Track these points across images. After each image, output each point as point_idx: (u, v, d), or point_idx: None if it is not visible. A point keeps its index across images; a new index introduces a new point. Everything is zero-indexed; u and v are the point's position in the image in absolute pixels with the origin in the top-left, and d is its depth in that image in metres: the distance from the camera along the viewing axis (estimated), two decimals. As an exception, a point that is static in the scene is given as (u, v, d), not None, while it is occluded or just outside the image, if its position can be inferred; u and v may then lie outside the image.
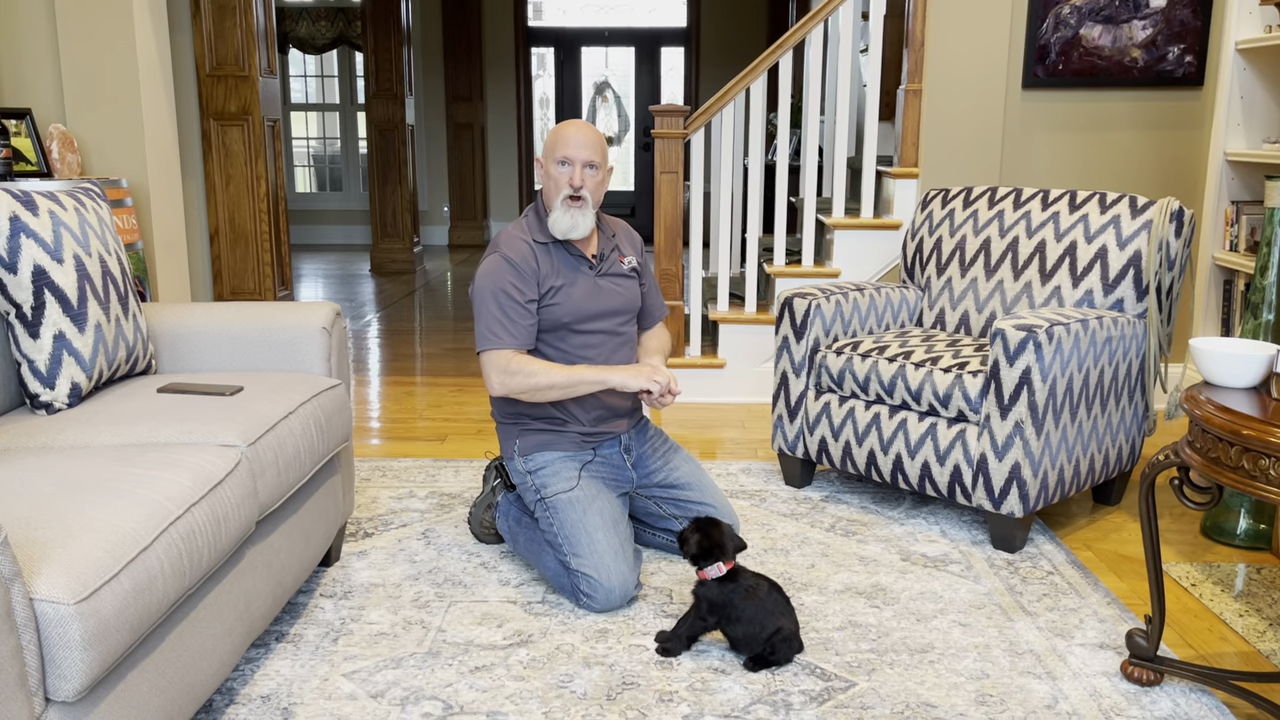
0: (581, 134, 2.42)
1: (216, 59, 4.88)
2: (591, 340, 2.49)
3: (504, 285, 2.40)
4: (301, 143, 10.24)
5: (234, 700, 1.96)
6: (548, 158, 2.45)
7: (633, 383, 2.38)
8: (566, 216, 2.42)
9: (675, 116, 4.01)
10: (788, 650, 2.08)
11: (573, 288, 2.46)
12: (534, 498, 2.46)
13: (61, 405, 2.11)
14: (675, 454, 2.65)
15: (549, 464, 2.47)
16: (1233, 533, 2.75)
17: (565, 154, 2.42)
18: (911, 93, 4.00)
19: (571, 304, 2.46)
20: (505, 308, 2.40)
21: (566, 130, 2.44)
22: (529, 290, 2.41)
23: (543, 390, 2.38)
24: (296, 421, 2.15)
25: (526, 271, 2.42)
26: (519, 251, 2.44)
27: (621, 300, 2.55)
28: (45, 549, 1.40)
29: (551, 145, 2.44)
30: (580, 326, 2.48)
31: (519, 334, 2.40)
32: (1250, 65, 3.42)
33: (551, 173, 2.43)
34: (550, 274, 2.45)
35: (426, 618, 2.30)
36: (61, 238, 2.11)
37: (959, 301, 3.16)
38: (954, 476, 2.72)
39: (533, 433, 2.50)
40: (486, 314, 2.41)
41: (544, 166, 2.46)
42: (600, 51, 10.58)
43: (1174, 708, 1.95)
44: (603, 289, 2.51)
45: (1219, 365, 1.86)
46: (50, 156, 3.71)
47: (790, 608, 2.12)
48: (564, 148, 2.42)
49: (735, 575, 2.11)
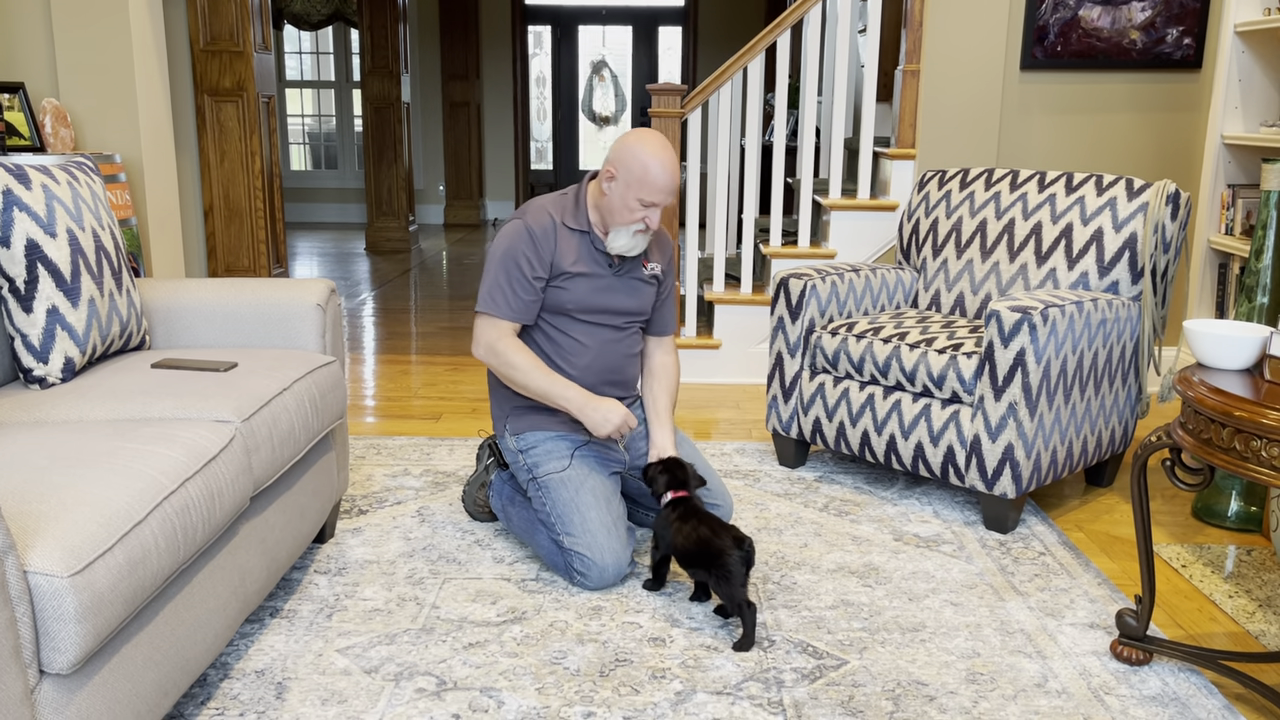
0: (672, 180, 2.32)
1: (211, 34, 4.85)
2: (591, 332, 2.47)
3: (517, 256, 2.38)
4: (296, 120, 10.19)
5: (228, 674, 1.97)
6: (630, 188, 2.31)
7: (603, 428, 2.36)
8: (630, 240, 2.39)
9: (672, 96, 3.99)
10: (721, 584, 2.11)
11: (587, 279, 2.43)
12: (526, 477, 2.47)
13: (55, 380, 2.11)
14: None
15: (541, 443, 2.47)
16: (1223, 515, 2.77)
17: (654, 200, 2.32)
18: (909, 73, 3.99)
19: (580, 294, 2.43)
20: (512, 278, 2.38)
21: (661, 175, 2.30)
22: (540, 267, 2.39)
23: (517, 384, 2.40)
24: (291, 398, 2.14)
25: (544, 248, 2.39)
26: (542, 226, 2.40)
27: (632, 303, 2.50)
28: (39, 522, 1.40)
29: (640, 181, 2.31)
30: (583, 316, 2.46)
31: (517, 308, 2.39)
32: (1249, 48, 3.41)
33: (630, 203, 2.33)
34: (568, 259, 2.41)
35: (421, 594, 2.31)
36: (55, 211, 2.10)
37: (954, 283, 3.16)
38: (947, 457, 2.73)
39: (524, 410, 2.50)
40: (492, 277, 2.40)
41: (619, 186, 2.33)
42: (598, 30, 10.52)
43: (1163, 687, 1.97)
44: (616, 287, 2.47)
45: (1212, 347, 1.87)
46: (43, 131, 3.69)
47: (728, 537, 2.13)
48: (654, 193, 2.31)
49: (680, 504, 2.27)
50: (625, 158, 2.33)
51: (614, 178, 2.35)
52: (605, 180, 2.37)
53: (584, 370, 2.47)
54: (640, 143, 2.33)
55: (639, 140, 2.34)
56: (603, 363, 2.49)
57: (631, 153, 2.32)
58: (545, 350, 2.47)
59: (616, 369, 2.52)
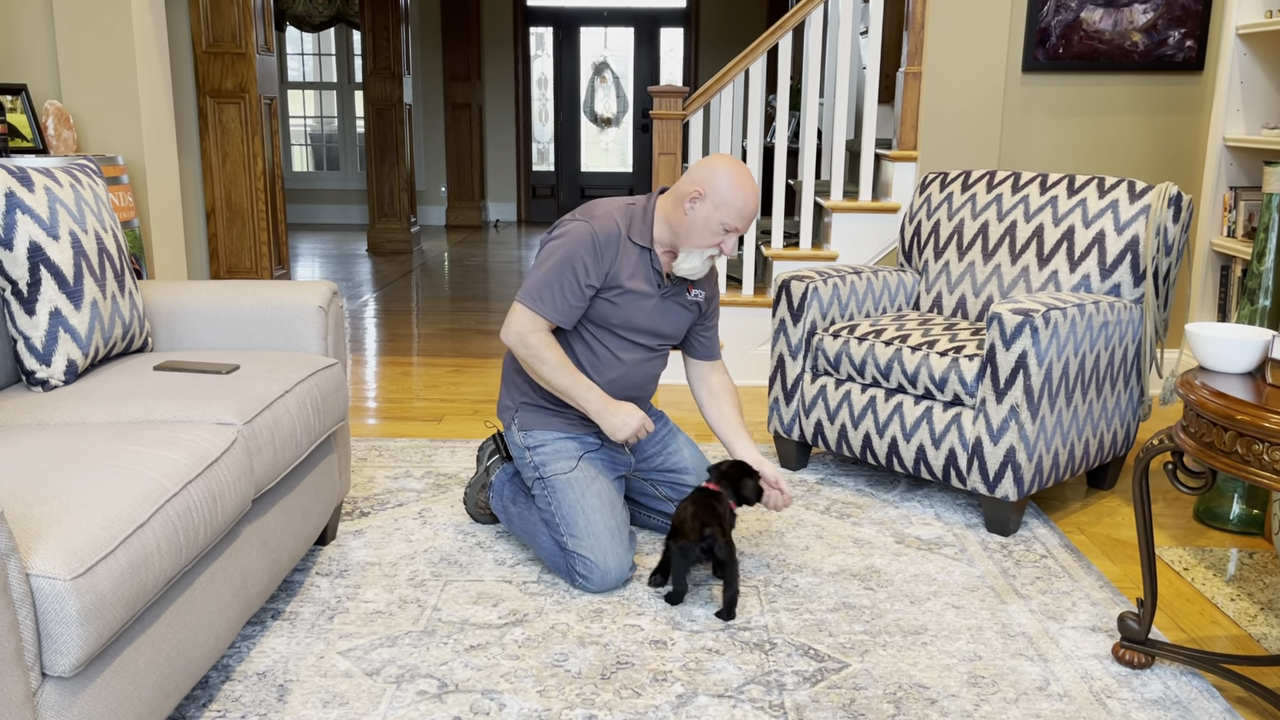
0: (757, 207, 2.34)
1: (213, 35, 4.86)
2: (628, 348, 2.45)
3: (575, 261, 2.33)
4: (298, 121, 10.20)
5: (230, 677, 1.97)
6: (718, 210, 2.30)
7: (621, 432, 2.35)
8: (700, 264, 2.37)
9: (674, 98, 4.00)
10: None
11: (636, 298, 2.40)
12: (533, 475, 2.46)
13: (58, 382, 2.11)
14: (674, 438, 2.65)
15: (549, 442, 2.46)
16: (1225, 518, 2.76)
17: (737, 225, 2.32)
18: (911, 75, 3.99)
19: (627, 313, 2.40)
20: (565, 280, 2.33)
21: (750, 203, 2.32)
22: (594, 276, 2.34)
23: (541, 377, 2.37)
24: (293, 400, 2.15)
25: (605, 257, 2.35)
26: (607, 234, 2.35)
27: (671, 326, 2.48)
28: (42, 525, 1.40)
29: (729, 204, 2.30)
30: (624, 333, 2.43)
31: (562, 310, 2.34)
32: (1251, 50, 3.41)
33: (713, 226, 2.31)
34: (625, 273, 2.37)
35: (422, 596, 2.31)
36: (57, 214, 2.11)
37: (956, 285, 3.16)
38: (949, 460, 2.73)
39: (534, 408, 2.49)
40: (544, 273, 2.35)
41: (705, 206, 2.31)
42: (599, 31, 10.53)
43: (1164, 690, 1.97)
44: (660, 310, 2.45)
45: (1214, 350, 1.86)
46: (46, 133, 3.70)
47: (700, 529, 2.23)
48: (739, 219, 2.32)
49: (706, 494, 2.34)
50: (715, 180, 2.30)
51: (701, 198, 2.31)
52: (689, 200, 2.32)
53: (610, 383, 2.45)
54: (728, 166, 2.31)
55: (727, 164, 2.32)
56: (630, 379, 2.48)
57: (720, 175, 2.30)
58: (579, 356, 2.44)
59: (640, 386, 2.52)
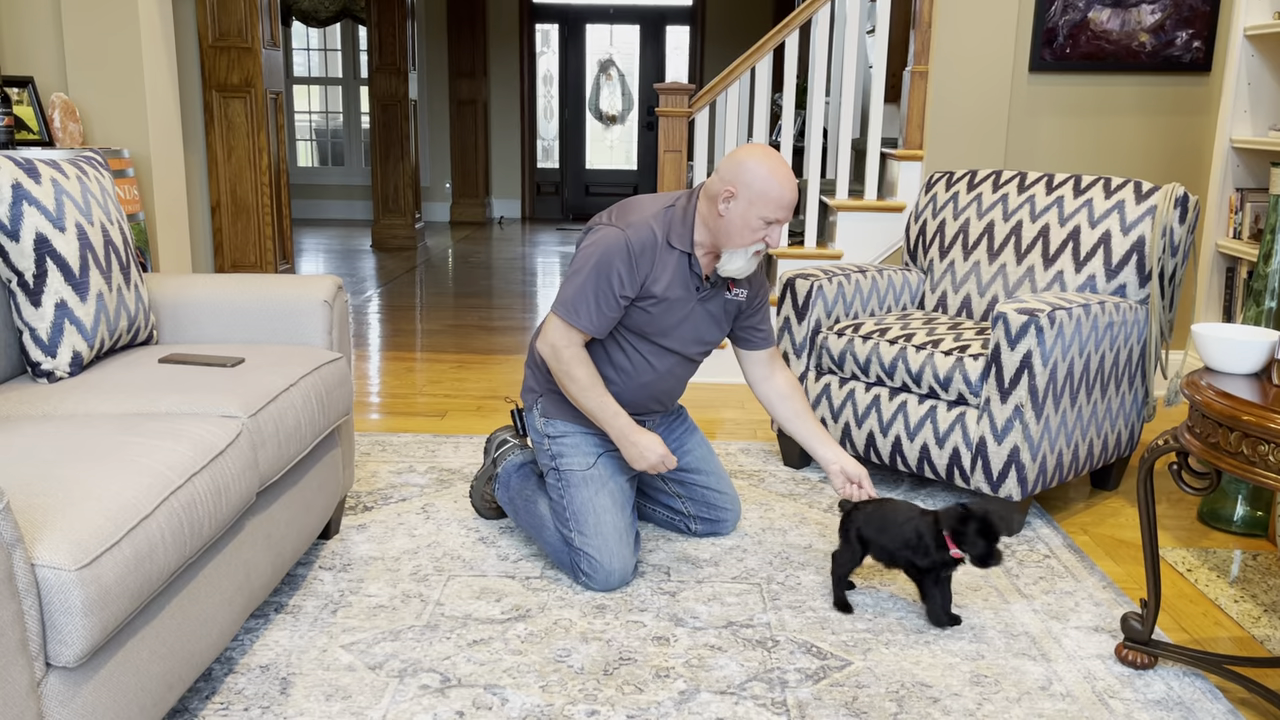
0: (795, 193, 2.23)
1: (219, 30, 4.86)
2: (662, 355, 2.41)
3: (609, 271, 2.24)
4: (304, 116, 10.20)
5: (233, 669, 1.97)
6: (753, 205, 2.20)
7: (639, 463, 2.31)
8: (746, 263, 2.30)
9: (680, 95, 3.99)
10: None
11: (673, 304, 2.34)
12: (549, 463, 2.45)
13: (63, 374, 2.12)
14: (690, 436, 2.63)
15: (569, 435, 2.44)
16: (1229, 519, 2.76)
17: (777, 216, 2.22)
18: (917, 74, 3.99)
19: (662, 321, 2.35)
20: (600, 292, 2.25)
21: (786, 189, 2.20)
22: (630, 287, 2.26)
23: (569, 394, 2.33)
24: (297, 394, 2.15)
25: (640, 267, 2.27)
26: (643, 242, 2.26)
27: (710, 332, 2.42)
28: (47, 515, 1.40)
29: (763, 196, 2.20)
30: (659, 340, 2.38)
31: (597, 322, 2.28)
32: (1259, 52, 3.40)
33: (752, 222, 2.22)
34: (661, 282, 2.30)
35: (425, 591, 2.31)
36: (64, 206, 2.11)
37: (961, 285, 3.16)
38: (953, 459, 2.72)
39: (560, 399, 2.45)
40: (579, 284, 2.27)
41: (739, 205, 2.22)
42: (605, 29, 10.52)
43: (1167, 691, 1.97)
44: (697, 315, 2.39)
45: (1220, 351, 1.86)
46: (52, 125, 3.70)
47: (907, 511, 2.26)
48: (778, 209, 2.21)
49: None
50: (744, 175, 2.21)
51: (733, 196, 2.22)
52: (723, 201, 2.23)
53: (640, 388, 2.43)
54: (757, 157, 2.21)
55: (755, 155, 2.22)
56: (661, 385, 2.46)
57: (750, 168, 2.21)
58: (612, 359, 2.39)
59: (669, 391, 2.50)
